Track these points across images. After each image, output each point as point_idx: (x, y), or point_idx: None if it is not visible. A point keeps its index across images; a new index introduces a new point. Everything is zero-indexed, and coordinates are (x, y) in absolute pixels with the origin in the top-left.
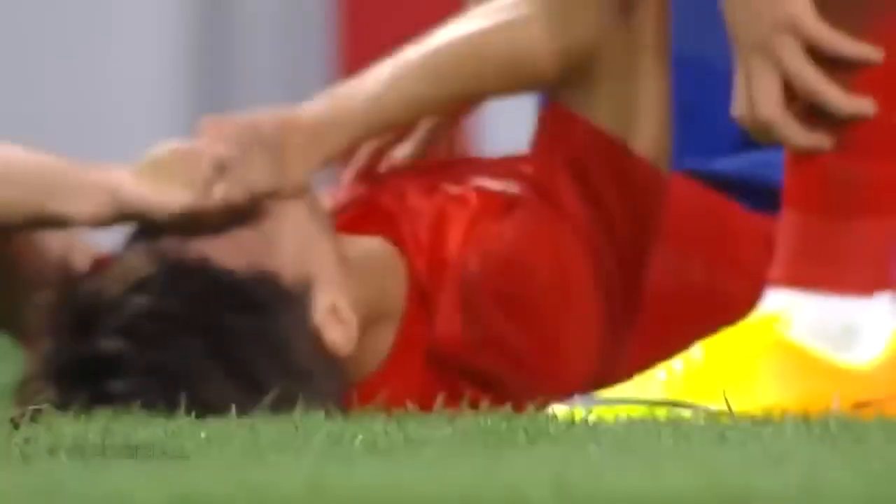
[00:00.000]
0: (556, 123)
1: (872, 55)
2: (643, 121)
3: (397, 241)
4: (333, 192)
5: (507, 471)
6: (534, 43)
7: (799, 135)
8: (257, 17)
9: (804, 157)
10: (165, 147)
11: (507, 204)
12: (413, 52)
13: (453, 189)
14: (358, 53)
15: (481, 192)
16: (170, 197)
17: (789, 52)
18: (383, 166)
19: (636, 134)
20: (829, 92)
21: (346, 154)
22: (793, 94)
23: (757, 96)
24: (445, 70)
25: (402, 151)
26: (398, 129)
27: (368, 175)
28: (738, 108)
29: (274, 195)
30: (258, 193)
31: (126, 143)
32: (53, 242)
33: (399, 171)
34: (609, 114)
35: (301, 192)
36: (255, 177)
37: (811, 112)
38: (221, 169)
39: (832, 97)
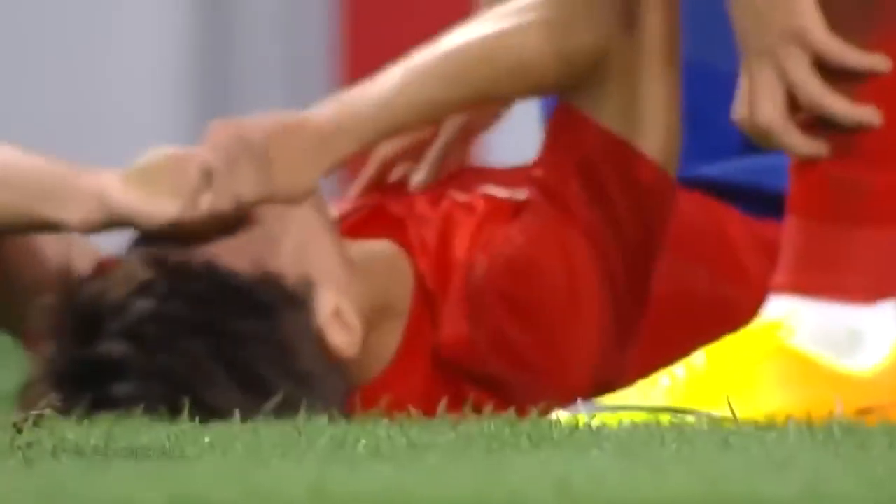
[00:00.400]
0: (566, 125)
1: (880, 65)
2: (651, 125)
3: (404, 244)
4: (340, 203)
5: (510, 476)
6: (543, 47)
7: (798, 142)
8: (258, 18)
9: (808, 164)
10: (155, 153)
11: (514, 209)
12: (422, 57)
13: (461, 197)
14: (358, 53)
15: (489, 198)
16: (157, 206)
17: (794, 63)
18: (393, 176)
19: (644, 138)
20: (833, 104)
21: (354, 159)
22: (796, 104)
23: (759, 102)
24: (455, 74)
25: (417, 178)
26: (414, 150)
27: (377, 186)
28: (739, 111)
29: (262, 203)
30: (244, 204)
31: (127, 144)
32: (53, 244)
33: (407, 182)
34: (617, 117)
35: (306, 196)
36: (242, 187)
37: (815, 120)
38: (209, 178)
39: (837, 108)
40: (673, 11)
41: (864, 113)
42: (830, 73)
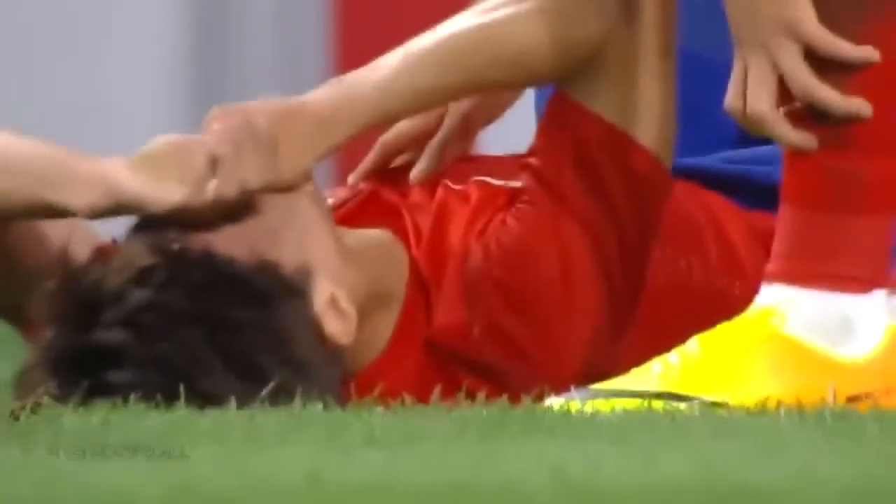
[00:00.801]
0: (561, 114)
1: (871, 57)
2: (646, 115)
3: (398, 231)
4: (336, 191)
5: (504, 462)
6: (541, 36)
7: (788, 132)
8: (254, 15)
9: (802, 153)
10: (161, 140)
11: (509, 197)
12: (421, 43)
13: (456, 185)
14: (354, 51)
15: (483, 186)
16: (164, 192)
17: (786, 53)
18: (394, 164)
19: (639, 127)
20: (826, 96)
21: (350, 148)
22: (790, 95)
23: (751, 90)
24: (453, 61)
25: (417, 169)
26: (416, 140)
27: (376, 175)
28: (731, 100)
29: (267, 190)
30: (250, 190)
31: (124, 140)
32: (55, 230)
33: (403, 170)
34: (613, 107)
35: (304, 181)
36: (248, 174)
37: (808, 112)
38: (214, 165)
39: (829, 100)
40: (669, 2)
41: (855, 104)
42: (822, 64)
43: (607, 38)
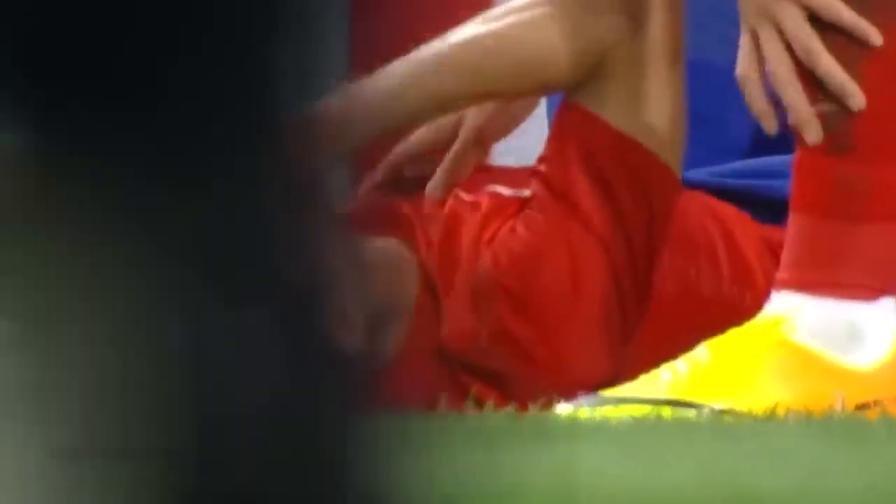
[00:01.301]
0: (571, 121)
1: (871, 32)
2: (655, 122)
3: (409, 240)
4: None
5: (511, 468)
6: (551, 43)
7: (803, 103)
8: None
9: (811, 161)
10: None
11: (519, 206)
12: (430, 50)
13: (467, 195)
14: (366, 50)
15: (494, 196)
16: None
17: (789, 17)
18: (406, 175)
19: (647, 134)
20: (827, 63)
21: (364, 157)
22: (812, 96)
23: (772, 56)
24: (463, 68)
25: (433, 184)
26: (428, 152)
27: (388, 186)
28: (743, 69)
29: None
30: None
31: None
32: None
33: (415, 181)
34: (622, 114)
35: None
36: None
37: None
38: None
39: (829, 67)
40: (677, 11)
41: (852, 86)
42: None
43: (616, 45)
